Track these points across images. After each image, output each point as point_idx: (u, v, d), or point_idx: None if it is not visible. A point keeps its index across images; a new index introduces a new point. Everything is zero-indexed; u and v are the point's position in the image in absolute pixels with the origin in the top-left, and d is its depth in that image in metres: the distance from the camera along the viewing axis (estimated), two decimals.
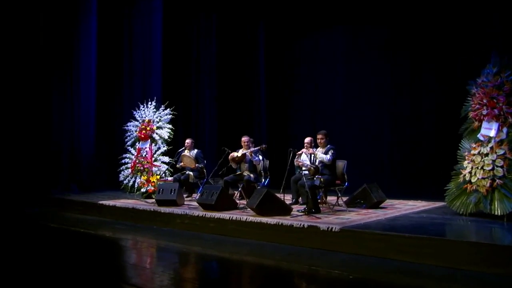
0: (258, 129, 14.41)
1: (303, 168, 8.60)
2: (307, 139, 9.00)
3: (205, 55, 14.77)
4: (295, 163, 8.70)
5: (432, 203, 9.00)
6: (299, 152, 8.46)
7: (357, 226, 6.66)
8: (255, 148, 9.36)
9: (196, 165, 10.27)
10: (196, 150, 10.63)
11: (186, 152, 10.48)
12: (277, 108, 14.47)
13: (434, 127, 11.27)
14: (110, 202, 10.04)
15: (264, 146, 9.31)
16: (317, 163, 8.08)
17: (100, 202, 10.16)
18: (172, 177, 10.77)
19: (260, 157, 9.33)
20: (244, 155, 9.22)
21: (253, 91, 14.74)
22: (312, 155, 8.23)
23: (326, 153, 8.04)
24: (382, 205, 8.62)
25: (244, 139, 9.42)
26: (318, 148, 8.32)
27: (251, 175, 9.17)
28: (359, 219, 7.16)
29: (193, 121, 14.79)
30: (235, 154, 9.33)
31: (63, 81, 13.19)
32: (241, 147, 9.45)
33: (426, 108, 11.51)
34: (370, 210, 8.12)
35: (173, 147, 11.69)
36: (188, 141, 10.66)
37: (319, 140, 8.24)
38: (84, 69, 13.34)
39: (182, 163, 10.41)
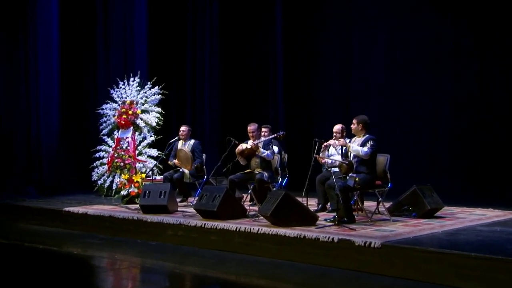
0: (274, 114, 14.31)
1: (332, 164, 8.57)
2: (337, 127, 8.95)
3: (205, 16, 14.70)
4: (318, 160, 8.66)
5: (509, 212, 8.93)
6: (326, 143, 8.41)
7: (405, 241, 6.63)
8: (266, 139, 9.32)
9: (194, 164, 10.25)
10: (193, 141, 10.61)
11: (182, 145, 10.47)
12: (298, 87, 14.37)
13: None
14: (80, 209, 10.06)
15: (282, 133, 9.27)
16: (351, 158, 8.03)
17: (66, 209, 10.18)
18: (161, 176, 10.78)
19: (276, 149, 9.29)
20: (254, 148, 9.16)
21: (267, 64, 14.63)
22: (344, 148, 8.19)
23: (363, 145, 7.99)
24: (437, 213, 8.56)
25: (251, 127, 9.37)
26: (353, 139, 8.27)
27: (265, 173, 9.15)
28: (407, 232, 7.12)
29: (189, 102, 14.77)
30: (243, 146, 9.30)
31: (14, 48, 13.16)
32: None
33: (501, 86, 11.34)
34: (421, 220, 8.07)
35: (163, 136, 11.70)
36: (183, 128, 10.64)
37: (354, 126, 8.13)
38: (43, 32, 13.29)
39: (176, 161, 10.41)
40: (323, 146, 8.44)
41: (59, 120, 13.52)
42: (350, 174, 7.90)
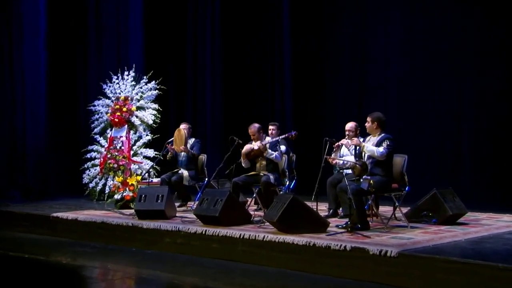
0: (281, 111, 14.33)
1: (344, 165, 8.57)
2: (350, 125, 8.97)
3: (206, 5, 14.72)
4: (329, 160, 8.66)
5: None
6: (338, 143, 8.42)
7: (424, 249, 6.62)
8: (274, 139, 9.33)
9: (190, 151, 10.29)
10: (193, 140, 10.65)
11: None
12: (306, 82, 14.37)
13: None
14: (69, 215, 10.07)
15: (294, 133, 9.27)
16: (365, 159, 8.04)
17: (55, 214, 10.19)
18: (158, 179, 10.80)
19: (283, 148, 9.29)
20: (262, 149, 9.14)
21: (273, 59, 14.64)
22: (358, 148, 8.20)
23: (378, 144, 7.98)
24: (460, 220, 8.56)
25: (251, 130, 9.40)
26: (368, 138, 8.27)
27: (271, 176, 9.17)
28: (426, 240, 7.12)
29: (189, 99, 14.79)
30: (250, 146, 9.28)
31: None
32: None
33: None
34: (442, 227, 8.07)
35: (160, 135, 11.71)
36: (183, 126, 10.66)
37: (369, 124, 8.15)
38: (29, 22, 13.28)
39: (172, 144, 10.41)
40: (334, 146, 8.44)
41: (47, 118, 13.49)
42: (364, 177, 7.89)
